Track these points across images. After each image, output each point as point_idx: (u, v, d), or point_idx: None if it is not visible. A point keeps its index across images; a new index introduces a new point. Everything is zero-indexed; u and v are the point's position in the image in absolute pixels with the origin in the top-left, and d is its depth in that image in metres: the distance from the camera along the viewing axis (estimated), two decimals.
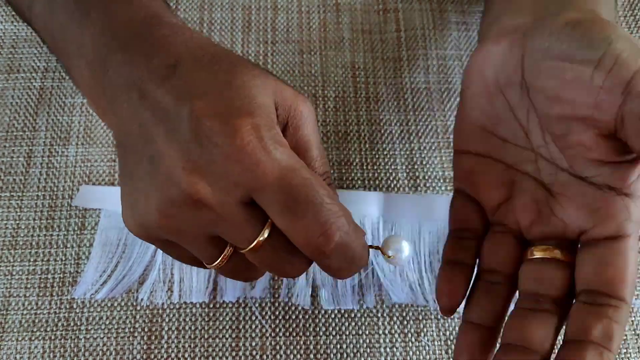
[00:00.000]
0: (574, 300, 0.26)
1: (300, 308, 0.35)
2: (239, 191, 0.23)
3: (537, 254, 0.28)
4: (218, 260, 0.25)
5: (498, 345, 0.27)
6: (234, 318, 0.35)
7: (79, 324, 0.35)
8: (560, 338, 0.26)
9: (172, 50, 0.26)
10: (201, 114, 0.24)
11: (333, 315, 0.35)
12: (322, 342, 0.34)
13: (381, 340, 0.35)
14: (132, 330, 0.34)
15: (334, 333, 0.35)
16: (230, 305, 0.35)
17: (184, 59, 0.26)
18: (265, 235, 0.24)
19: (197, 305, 0.35)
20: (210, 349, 0.34)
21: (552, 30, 0.26)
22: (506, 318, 0.28)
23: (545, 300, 0.26)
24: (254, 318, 0.35)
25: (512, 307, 0.28)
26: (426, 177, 0.39)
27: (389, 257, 0.27)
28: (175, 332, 0.34)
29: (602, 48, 0.24)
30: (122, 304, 0.35)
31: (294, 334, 0.35)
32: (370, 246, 0.27)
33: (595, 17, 0.26)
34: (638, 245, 0.26)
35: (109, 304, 0.35)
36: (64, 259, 0.36)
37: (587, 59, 0.24)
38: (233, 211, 0.24)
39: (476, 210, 0.30)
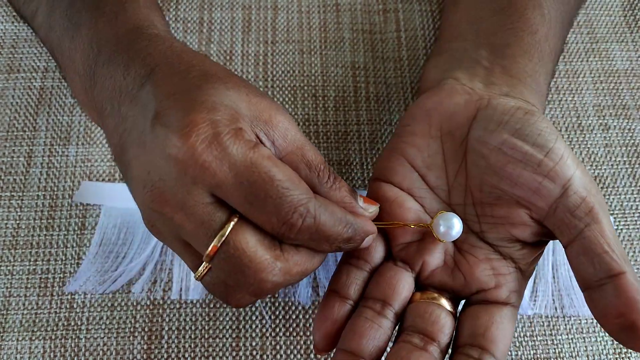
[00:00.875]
0: (453, 352, 0.27)
1: (300, 307, 0.35)
2: (198, 189, 0.23)
3: (427, 299, 0.28)
4: (200, 268, 0.25)
5: None
6: (234, 318, 0.35)
7: (79, 323, 0.35)
8: None
9: (148, 60, 0.27)
10: (160, 115, 0.24)
11: None
12: None
13: None
14: (132, 330, 0.34)
15: None
16: None
17: (160, 67, 0.27)
18: (218, 244, 0.24)
19: (198, 305, 0.35)
20: (210, 349, 0.34)
21: (505, 109, 0.28)
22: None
23: (430, 342, 0.27)
24: (254, 318, 0.35)
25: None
26: None
27: (439, 234, 0.28)
28: (175, 332, 0.34)
29: (551, 141, 0.26)
30: (122, 304, 0.35)
31: (294, 334, 0.35)
32: (419, 225, 0.28)
33: (540, 112, 0.28)
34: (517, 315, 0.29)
35: (109, 304, 0.35)
36: (64, 258, 0.36)
37: (540, 145, 0.26)
38: (196, 211, 0.24)
39: (381, 241, 0.30)
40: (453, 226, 0.28)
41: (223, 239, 0.23)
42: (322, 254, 0.27)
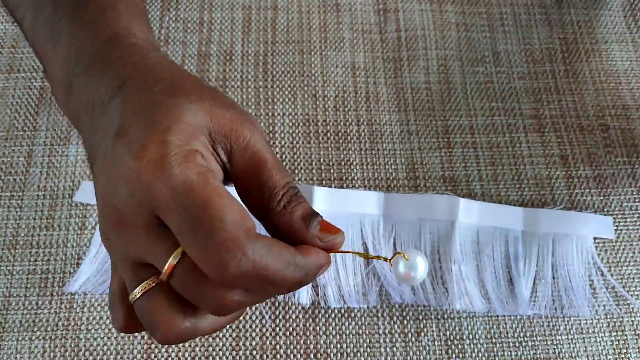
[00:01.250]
0: None
1: (300, 308, 0.35)
2: (145, 210, 0.23)
3: None
4: (136, 289, 0.24)
5: None
6: None
7: (79, 323, 0.35)
8: None
9: (121, 72, 0.27)
10: (121, 133, 0.24)
11: (333, 315, 0.35)
12: (322, 342, 0.34)
13: (381, 340, 0.35)
14: None
15: (334, 333, 0.35)
16: None
17: (131, 80, 0.26)
18: (175, 262, 0.23)
19: None
20: (210, 349, 0.34)
21: None
22: None
23: None
24: (254, 318, 0.35)
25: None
26: (426, 177, 0.39)
27: (398, 276, 0.26)
28: None
29: None
30: None
31: (294, 334, 0.35)
32: (378, 257, 0.26)
33: None
34: None
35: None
36: (64, 258, 0.36)
37: None
38: (145, 231, 0.23)
39: None
40: (416, 268, 0.25)
41: (178, 258, 0.23)
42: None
